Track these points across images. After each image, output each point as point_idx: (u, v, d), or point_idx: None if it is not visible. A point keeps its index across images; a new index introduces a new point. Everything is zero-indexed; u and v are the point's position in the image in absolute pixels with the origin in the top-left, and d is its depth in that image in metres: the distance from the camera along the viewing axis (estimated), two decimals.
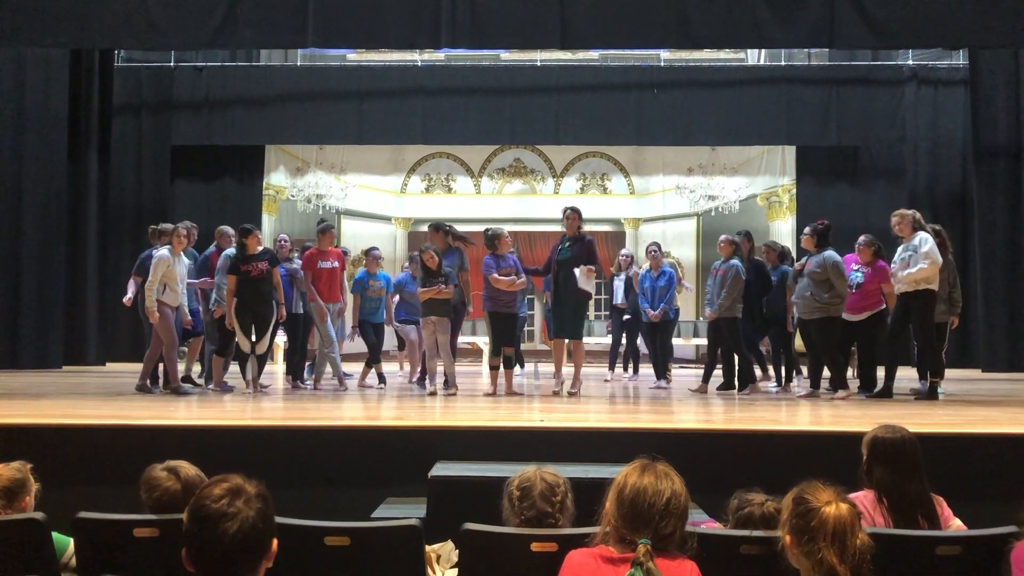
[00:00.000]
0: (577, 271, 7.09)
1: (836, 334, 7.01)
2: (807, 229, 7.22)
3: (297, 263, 7.95)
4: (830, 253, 6.98)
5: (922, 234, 6.87)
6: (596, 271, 7.23)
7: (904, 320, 7.03)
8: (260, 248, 7.23)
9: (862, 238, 7.30)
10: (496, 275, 7.15)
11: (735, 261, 7.57)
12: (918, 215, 7.08)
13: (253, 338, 7.14)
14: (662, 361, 8.38)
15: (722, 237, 7.84)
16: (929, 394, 6.99)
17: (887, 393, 7.05)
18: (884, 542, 2.17)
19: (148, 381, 7.18)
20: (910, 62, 11.95)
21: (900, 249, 6.97)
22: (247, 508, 1.82)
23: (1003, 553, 2.57)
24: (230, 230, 7.86)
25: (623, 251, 9.73)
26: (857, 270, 7.28)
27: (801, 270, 7.06)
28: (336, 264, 7.85)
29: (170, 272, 6.92)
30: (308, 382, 8.00)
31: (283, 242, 8.28)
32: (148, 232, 7.74)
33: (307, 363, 8.40)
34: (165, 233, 7.31)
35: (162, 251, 6.96)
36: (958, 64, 11.74)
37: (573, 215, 7.30)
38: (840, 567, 2.03)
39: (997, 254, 10.65)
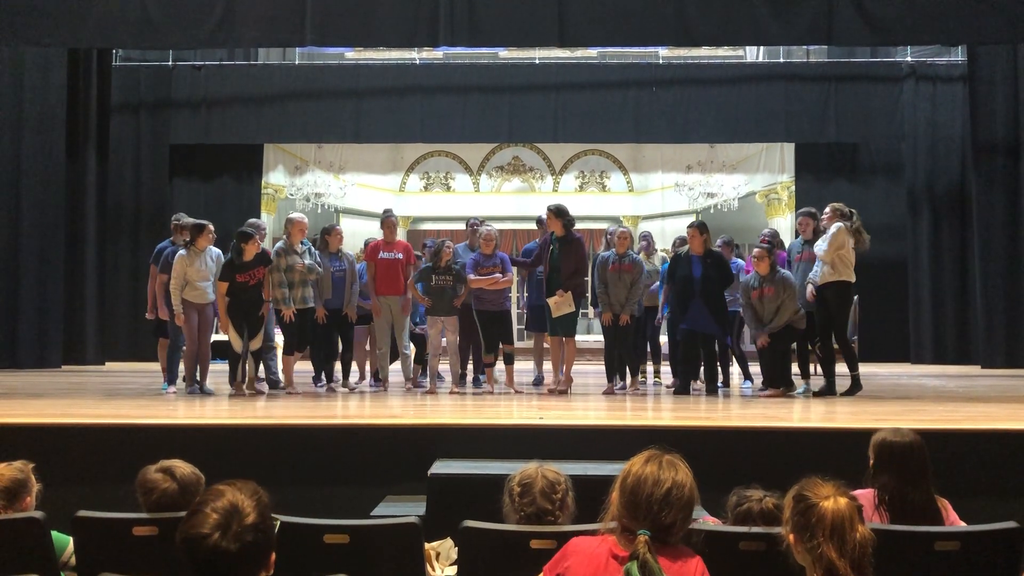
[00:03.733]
0: (550, 302, 6.95)
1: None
2: (757, 252, 6.92)
3: (348, 257, 7.57)
4: (787, 273, 6.94)
5: (836, 225, 6.77)
6: (578, 285, 6.99)
7: (825, 313, 6.85)
8: (255, 251, 6.97)
9: (756, 251, 7.06)
10: (472, 276, 7.14)
11: (636, 255, 7.25)
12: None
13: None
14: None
15: (622, 230, 7.28)
16: (853, 388, 6.73)
17: (832, 390, 6.87)
18: (882, 538, 2.17)
19: (195, 380, 6.97)
20: (908, 59, 11.95)
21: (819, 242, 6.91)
22: (240, 539, 1.76)
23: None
24: (263, 224, 7.93)
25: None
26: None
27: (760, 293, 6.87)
28: (399, 256, 7.49)
29: (191, 271, 6.83)
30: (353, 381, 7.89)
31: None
32: (172, 226, 7.69)
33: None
34: (184, 227, 7.26)
35: (180, 250, 6.91)
36: (956, 60, 11.74)
37: (550, 214, 7.14)
38: (839, 561, 2.03)
39: (995, 250, 10.63)
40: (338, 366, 7.64)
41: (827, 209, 6.97)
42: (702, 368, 7.24)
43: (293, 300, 6.96)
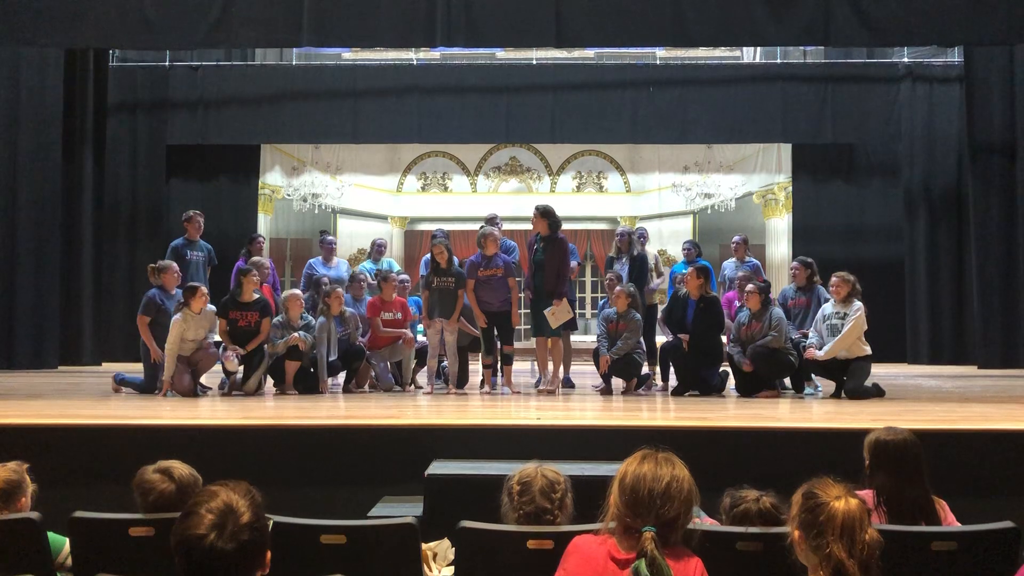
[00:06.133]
0: (547, 312, 7.02)
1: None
2: (750, 288, 7.05)
3: (351, 319, 7.51)
4: (779, 312, 7.02)
5: (857, 303, 6.84)
6: (564, 291, 7.09)
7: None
8: (256, 296, 7.06)
9: (750, 286, 7.12)
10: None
11: (635, 314, 7.26)
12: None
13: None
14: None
15: (620, 289, 7.28)
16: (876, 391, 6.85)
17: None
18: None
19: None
20: (905, 59, 11.96)
21: (831, 312, 6.90)
22: (236, 538, 1.76)
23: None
24: (265, 261, 8.16)
25: (622, 228, 8.71)
26: (742, 307, 7.30)
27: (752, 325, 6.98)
28: (399, 316, 7.60)
29: (187, 333, 6.77)
30: None
31: (361, 281, 8.13)
32: (147, 271, 7.42)
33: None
34: (163, 271, 7.14)
35: (176, 315, 6.80)
36: (953, 61, 11.74)
37: (536, 215, 7.22)
38: (848, 562, 2.03)
39: (992, 251, 10.63)
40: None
41: (835, 276, 6.95)
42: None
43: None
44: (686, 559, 2.21)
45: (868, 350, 6.86)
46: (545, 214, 7.19)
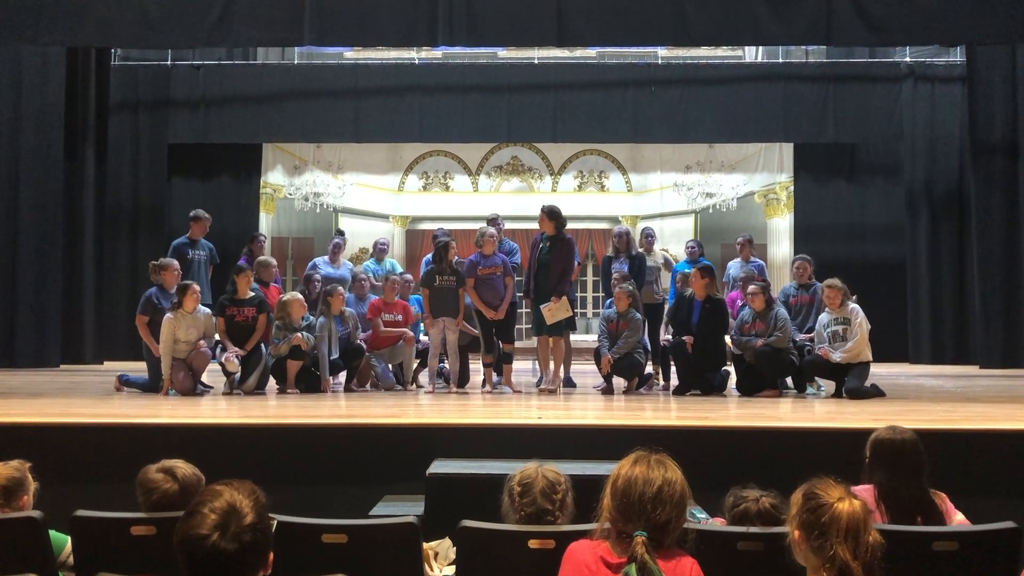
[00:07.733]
0: (543, 308, 7.05)
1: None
2: (752, 289, 7.07)
3: (351, 319, 7.52)
4: (783, 313, 7.02)
5: (853, 306, 6.86)
6: (567, 283, 7.13)
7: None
8: (251, 293, 7.11)
9: (752, 287, 7.16)
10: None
11: (636, 314, 7.22)
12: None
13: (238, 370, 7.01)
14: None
15: (620, 288, 7.25)
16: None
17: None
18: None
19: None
20: (907, 59, 11.94)
21: (828, 319, 6.91)
22: (238, 539, 1.76)
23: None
24: (272, 261, 8.16)
25: (619, 228, 8.66)
26: (744, 306, 7.30)
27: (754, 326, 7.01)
28: (400, 317, 7.61)
29: (179, 332, 6.76)
30: None
31: (363, 281, 8.19)
32: (149, 269, 7.45)
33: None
34: (163, 268, 7.19)
35: (168, 314, 6.81)
36: (955, 61, 11.73)
37: (542, 215, 7.24)
38: (853, 563, 2.03)
39: (994, 251, 10.63)
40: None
41: (827, 287, 6.92)
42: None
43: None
44: (679, 560, 2.20)
45: (871, 356, 6.91)
46: (552, 215, 7.23)
